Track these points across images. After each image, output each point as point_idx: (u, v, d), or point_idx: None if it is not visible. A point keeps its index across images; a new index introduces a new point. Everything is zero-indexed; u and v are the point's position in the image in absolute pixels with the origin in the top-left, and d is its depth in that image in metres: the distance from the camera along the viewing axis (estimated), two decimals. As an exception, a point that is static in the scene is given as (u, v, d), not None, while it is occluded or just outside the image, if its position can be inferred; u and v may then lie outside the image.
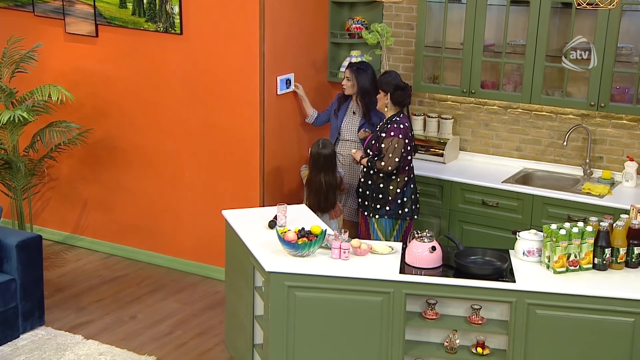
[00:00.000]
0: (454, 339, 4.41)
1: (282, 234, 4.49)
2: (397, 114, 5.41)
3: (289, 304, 4.37)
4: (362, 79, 5.82)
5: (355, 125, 5.93)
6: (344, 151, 5.99)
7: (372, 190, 5.47)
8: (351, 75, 5.84)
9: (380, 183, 5.43)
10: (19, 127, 6.18)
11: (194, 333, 5.54)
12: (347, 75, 5.87)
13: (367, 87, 5.80)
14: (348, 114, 5.96)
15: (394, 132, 5.34)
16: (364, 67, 5.86)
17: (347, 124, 5.98)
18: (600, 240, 4.37)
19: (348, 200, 6.03)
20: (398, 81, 5.39)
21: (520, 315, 4.25)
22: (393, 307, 4.32)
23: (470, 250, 4.54)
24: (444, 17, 6.05)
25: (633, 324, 4.17)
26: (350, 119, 5.96)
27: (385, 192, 5.42)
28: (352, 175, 6.00)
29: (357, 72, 5.83)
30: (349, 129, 5.97)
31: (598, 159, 5.99)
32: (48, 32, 6.66)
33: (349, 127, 5.97)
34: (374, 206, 5.46)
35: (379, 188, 5.44)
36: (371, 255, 4.56)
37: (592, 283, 4.27)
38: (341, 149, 5.99)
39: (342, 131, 5.98)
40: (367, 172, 5.50)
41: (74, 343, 5.32)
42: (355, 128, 5.93)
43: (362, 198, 5.55)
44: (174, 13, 6.06)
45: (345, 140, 5.98)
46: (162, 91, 6.30)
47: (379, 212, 5.46)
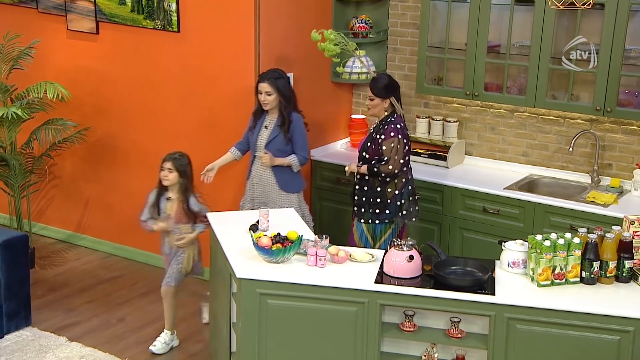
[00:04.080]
0: (433, 353, 4.22)
1: (256, 239, 4.35)
2: (391, 115, 5.23)
3: (261, 311, 4.23)
4: (283, 86, 5.40)
5: (264, 141, 5.47)
6: (259, 170, 5.51)
7: (369, 196, 5.28)
8: (272, 88, 5.35)
9: (378, 187, 5.25)
10: (16, 124, 6.15)
11: (180, 337, 5.42)
12: (267, 89, 5.35)
13: (287, 94, 5.43)
14: (262, 129, 5.49)
15: (393, 133, 5.18)
16: (280, 75, 5.41)
17: (260, 139, 5.50)
18: (588, 253, 4.13)
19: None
20: (388, 82, 5.22)
21: (500, 329, 4.04)
22: (368, 317, 4.14)
23: (451, 260, 4.34)
24: (448, 16, 5.84)
25: (619, 342, 3.93)
26: (262, 133, 5.49)
27: (384, 195, 5.24)
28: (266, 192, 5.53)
29: (276, 82, 5.37)
30: (261, 144, 5.49)
31: (607, 166, 5.73)
32: (51, 29, 6.64)
33: (260, 142, 5.50)
34: (372, 211, 5.29)
35: (376, 192, 5.26)
36: (350, 263, 4.39)
37: (577, 297, 4.04)
38: (256, 166, 5.53)
39: (257, 148, 5.50)
40: (361, 178, 5.32)
41: (57, 345, 5.25)
42: (264, 142, 5.46)
43: (358, 206, 5.35)
44: (171, 10, 5.97)
45: (258, 158, 5.52)
46: (159, 89, 6.22)
47: (378, 217, 5.28)
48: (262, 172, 5.51)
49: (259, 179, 5.54)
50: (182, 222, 5.19)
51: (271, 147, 5.45)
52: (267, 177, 5.51)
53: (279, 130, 5.44)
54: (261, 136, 5.49)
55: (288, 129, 5.43)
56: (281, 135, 5.42)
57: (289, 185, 5.52)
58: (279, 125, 5.43)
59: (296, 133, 5.46)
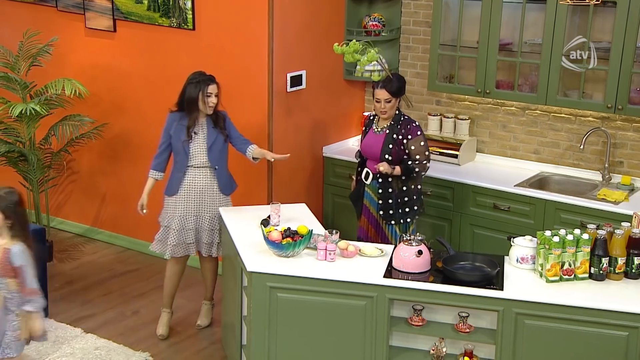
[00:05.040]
0: (441, 347, 4.26)
1: (267, 233, 4.42)
2: (400, 113, 5.22)
3: (271, 305, 4.29)
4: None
5: (204, 146, 5.18)
6: (198, 180, 5.22)
7: (395, 198, 5.17)
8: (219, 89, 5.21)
9: (403, 186, 5.17)
10: (35, 120, 6.25)
11: (192, 331, 5.51)
12: (216, 91, 5.18)
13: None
14: (193, 137, 5.18)
15: (419, 132, 5.16)
16: (211, 76, 5.22)
17: (195, 147, 5.18)
18: (597, 249, 4.17)
19: None
20: (402, 81, 5.20)
21: (508, 324, 4.08)
22: (377, 311, 4.20)
23: (460, 256, 4.38)
24: (460, 14, 5.88)
25: (627, 338, 3.96)
26: (196, 140, 5.18)
27: (409, 192, 5.19)
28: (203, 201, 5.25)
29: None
30: (199, 151, 5.19)
31: (618, 164, 5.74)
32: (70, 27, 6.73)
33: (198, 150, 5.19)
34: (402, 211, 5.19)
35: (402, 192, 5.17)
36: (359, 257, 4.44)
37: (585, 293, 4.07)
38: (194, 177, 5.21)
39: (193, 157, 5.18)
40: (383, 182, 5.17)
41: (73, 336, 5.35)
42: (203, 148, 5.18)
43: (385, 209, 5.19)
44: (186, 8, 6.05)
45: (196, 167, 5.21)
46: (174, 86, 6.19)
47: (408, 216, 5.21)
48: (202, 180, 5.23)
49: (198, 189, 5.24)
50: (7, 276, 4.12)
51: (214, 151, 5.21)
52: (208, 183, 5.24)
53: (215, 131, 5.21)
54: (198, 143, 5.18)
55: (224, 125, 5.25)
56: (220, 135, 5.22)
57: (228, 187, 5.34)
58: (213, 127, 5.21)
59: (231, 127, 5.30)
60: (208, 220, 5.27)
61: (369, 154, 5.26)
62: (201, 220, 5.27)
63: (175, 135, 5.20)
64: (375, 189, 5.23)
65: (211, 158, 5.22)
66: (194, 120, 5.18)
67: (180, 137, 5.19)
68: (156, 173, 5.35)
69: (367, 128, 5.33)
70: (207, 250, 5.35)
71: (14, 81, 6.27)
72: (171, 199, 5.29)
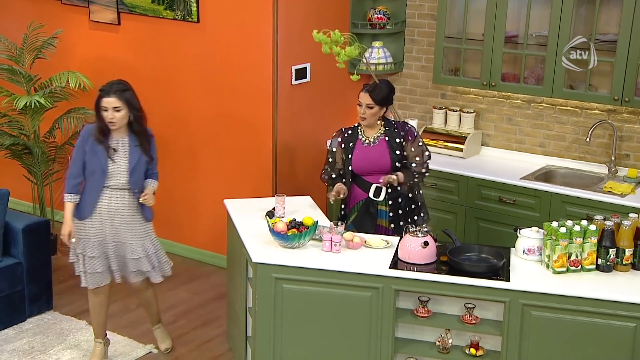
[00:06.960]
0: (447, 339, 4.25)
1: (272, 225, 4.40)
2: (389, 120, 4.97)
3: (276, 296, 4.28)
4: (131, 99, 4.62)
5: (124, 166, 4.62)
6: (115, 203, 4.66)
7: (403, 206, 4.97)
8: (121, 103, 4.55)
9: (409, 193, 5.00)
10: (39, 113, 6.25)
11: (197, 323, 5.50)
12: (114, 105, 4.53)
13: (137, 106, 4.64)
14: (112, 155, 4.62)
15: (416, 133, 4.96)
16: (126, 86, 4.64)
17: (114, 167, 4.62)
18: (604, 240, 4.15)
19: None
20: (390, 90, 4.94)
21: (515, 316, 4.06)
22: (382, 303, 4.18)
23: (466, 247, 4.37)
24: (465, 7, 5.86)
25: (634, 329, 3.95)
26: (116, 159, 4.62)
27: (416, 198, 5.05)
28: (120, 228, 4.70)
29: (122, 94, 4.57)
30: (119, 171, 4.63)
31: (624, 157, 5.72)
32: (74, 20, 6.72)
33: (117, 170, 4.63)
34: (411, 220, 4.98)
35: (409, 199, 4.99)
36: (365, 248, 4.43)
37: (592, 284, 4.05)
38: (111, 200, 4.66)
39: (111, 177, 4.62)
40: (392, 193, 4.89)
41: (77, 329, 5.34)
42: (124, 169, 4.62)
43: (395, 221, 4.92)
44: (191, 1, 6.03)
45: (113, 188, 4.64)
46: (178, 79, 6.29)
47: (417, 224, 4.89)
48: (120, 203, 4.67)
49: (115, 212, 4.67)
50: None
51: (136, 173, 4.67)
52: (126, 207, 4.68)
53: (139, 150, 4.65)
54: (118, 163, 4.62)
55: (149, 147, 4.71)
56: (143, 156, 4.68)
57: (148, 211, 4.81)
58: (138, 145, 4.66)
59: (154, 151, 4.78)
60: (130, 249, 4.72)
61: (368, 168, 4.90)
62: (123, 249, 4.73)
63: (91, 151, 4.60)
64: (384, 201, 4.93)
65: (132, 180, 4.65)
66: (103, 134, 4.58)
67: (96, 154, 4.59)
68: (74, 197, 4.65)
69: (350, 143, 4.96)
70: (137, 278, 4.86)
71: (18, 74, 6.27)
72: (84, 223, 4.69)
